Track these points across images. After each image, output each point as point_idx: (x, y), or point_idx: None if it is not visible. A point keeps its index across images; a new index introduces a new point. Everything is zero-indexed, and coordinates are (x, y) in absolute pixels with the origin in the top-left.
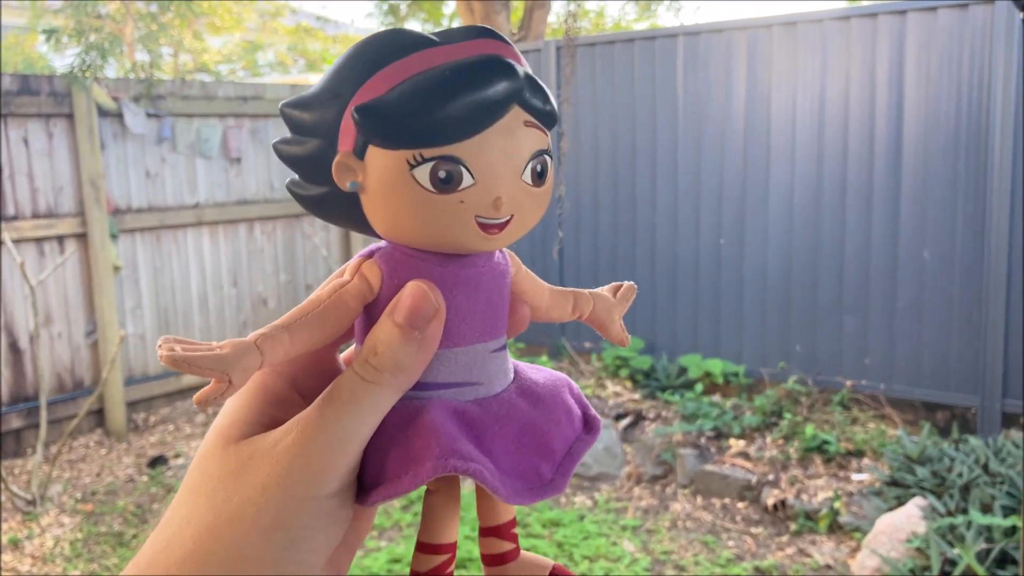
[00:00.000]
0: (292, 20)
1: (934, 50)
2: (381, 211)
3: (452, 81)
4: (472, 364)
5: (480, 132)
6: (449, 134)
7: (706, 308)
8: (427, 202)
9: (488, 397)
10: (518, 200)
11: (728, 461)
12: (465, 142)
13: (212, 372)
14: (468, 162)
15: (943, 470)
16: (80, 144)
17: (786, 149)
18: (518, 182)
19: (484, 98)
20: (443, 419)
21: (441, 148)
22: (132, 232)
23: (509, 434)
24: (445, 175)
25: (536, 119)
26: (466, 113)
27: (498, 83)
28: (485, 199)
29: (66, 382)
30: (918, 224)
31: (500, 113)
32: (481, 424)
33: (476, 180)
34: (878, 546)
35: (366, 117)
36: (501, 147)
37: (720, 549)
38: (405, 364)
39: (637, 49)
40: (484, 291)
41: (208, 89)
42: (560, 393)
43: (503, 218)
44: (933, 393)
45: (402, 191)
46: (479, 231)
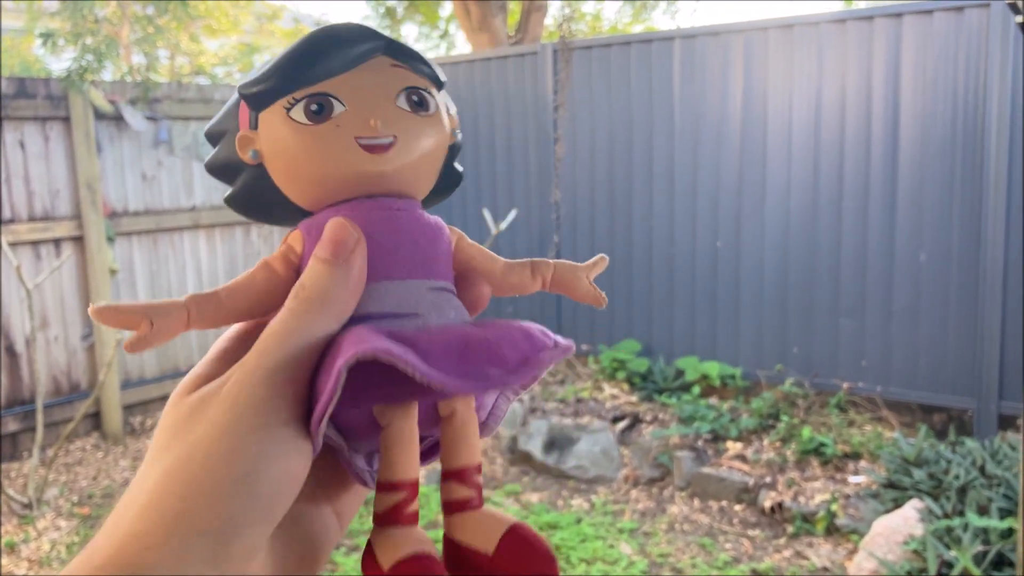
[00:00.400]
0: (289, 22)
1: (930, 53)
2: (280, 165)
3: (317, 39)
4: (406, 296)
5: (346, 72)
6: (315, 76)
7: (703, 310)
8: (308, 136)
9: (429, 324)
10: (396, 122)
11: (725, 463)
12: (332, 80)
13: (134, 315)
14: (337, 93)
15: (940, 472)
16: (77, 147)
17: (783, 152)
18: (392, 107)
19: (348, 47)
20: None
21: (310, 88)
22: (128, 235)
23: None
24: (317, 107)
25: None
26: (332, 58)
27: (361, 36)
28: (360, 121)
29: (62, 385)
30: (914, 227)
31: (364, 58)
32: (416, 340)
33: (347, 106)
34: (875, 548)
35: (246, 88)
36: (368, 80)
37: (717, 552)
38: (334, 292)
39: (633, 52)
40: (407, 232)
41: (205, 92)
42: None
43: (384, 138)
44: (930, 395)
45: (286, 136)
46: (364, 153)
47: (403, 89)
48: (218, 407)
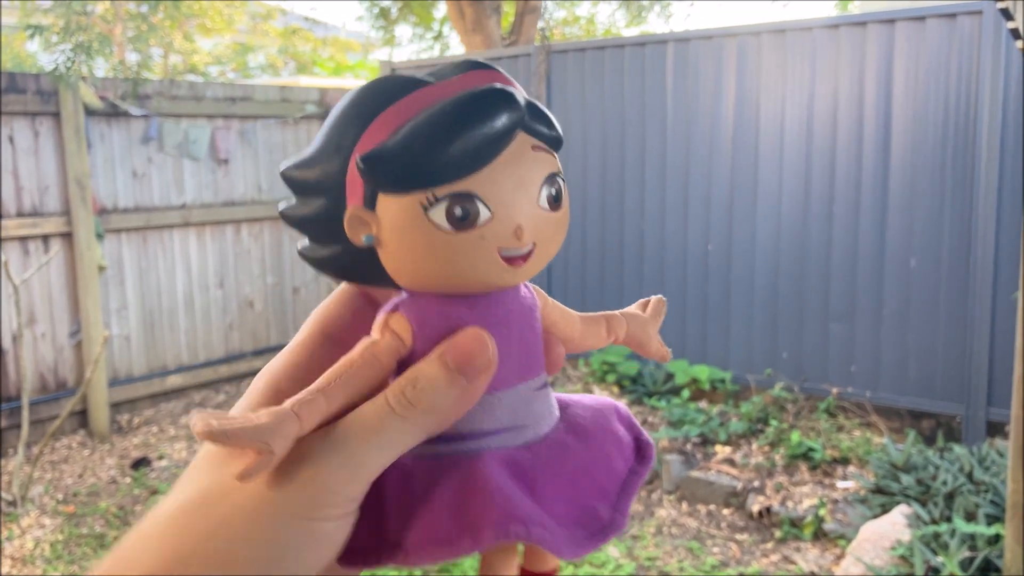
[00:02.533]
0: (283, 22)
1: (922, 59)
2: (401, 260)
3: (453, 116)
4: (517, 407)
5: (489, 163)
6: (458, 170)
7: (693, 314)
8: (447, 243)
9: (537, 440)
10: (538, 227)
11: (714, 468)
12: (475, 175)
13: (253, 445)
14: (482, 195)
15: (928, 478)
16: (67, 143)
17: (774, 156)
18: (535, 209)
19: (488, 128)
20: (497, 475)
21: (452, 185)
22: (118, 232)
23: (563, 478)
24: (461, 212)
25: (542, 143)
26: (472, 146)
27: (499, 111)
28: (505, 231)
29: (49, 382)
30: (905, 232)
31: (506, 141)
32: (533, 472)
33: (493, 213)
34: (862, 553)
35: (371, 165)
36: (512, 175)
37: (705, 555)
38: (441, 408)
39: (627, 55)
40: (517, 329)
41: (196, 90)
42: (608, 423)
43: (526, 248)
44: (919, 401)
45: (419, 236)
46: (504, 265)
47: (543, 183)
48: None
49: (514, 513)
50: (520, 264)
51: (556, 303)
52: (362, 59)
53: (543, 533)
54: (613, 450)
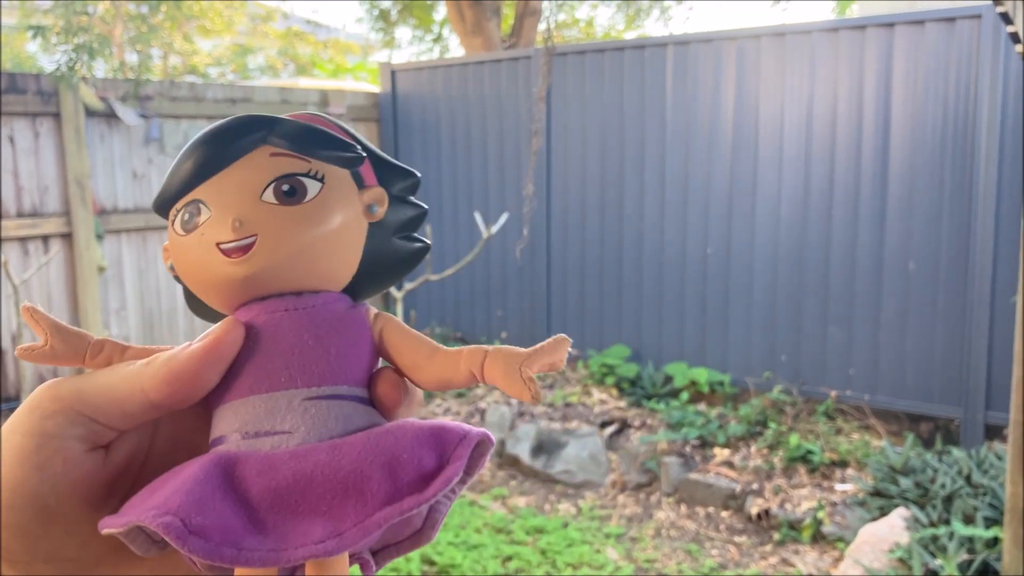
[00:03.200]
0: (283, 24)
1: (921, 63)
2: (182, 277)
3: (200, 139)
4: (270, 411)
5: (215, 174)
6: (191, 182)
7: (692, 317)
8: (182, 247)
9: (285, 449)
10: (258, 219)
11: (713, 470)
12: (205, 184)
13: (41, 326)
14: (205, 199)
15: (926, 481)
16: (67, 143)
17: (773, 159)
18: (256, 203)
19: (220, 146)
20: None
21: (187, 197)
22: (118, 233)
23: (277, 492)
24: (187, 215)
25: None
26: (203, 161)
27: (244, 128)
28: (223, 225)
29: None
30: (904, 236)
31: (238, 154)
32: (252, 481)
33: (212, 212)
34: (861, 556)
35: (154, 203)
36: (237, 179)
37: (703, 558)
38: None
39: (626, 58)
40: (290, 336)
41: (196, 91)
42: (396, 441)
43: (243, 239)
44: (917, 404)
45: (175, 248)
46: (224, 258)
47: (273, 180)
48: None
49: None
50: (239, 255)
51: (406, 329)
52: (362, 61)
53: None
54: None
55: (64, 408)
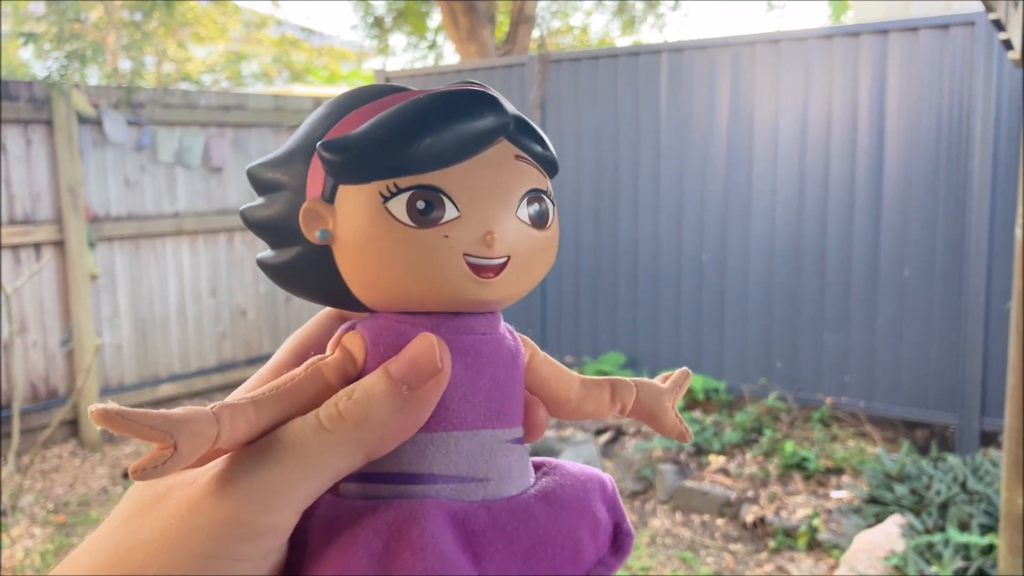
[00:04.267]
0: (277, 31)
1: (915, 70)
2: (356, 260)
3: (428, 109)
4: (477, 454)
5: (462, 162)
6: (427, 162)
7: (688, 324)
8: (406, 239)
9: (499, 499)
10: (514, 240)
11: (708, 477)
12: (446, 171)
13: (153, 432)
14: (450, 192)
15: (922, 488)
16: (59, 151)
17: (768, 166)
18: (512, 219)
19: (465, 125)
20: (438, 530)
21: (417, 177)
22: (110, 240)
23: (516, 552)
24: (424, 205)
25: (530, 157)
26: (445, 140)
27: (481, 111)
28: (473, 233)
29: (40, 391)
30: (899, 242)
31: (484, 142)
32: (484, 537)
33: (461, 212)
34: (856, 563)
35: (332, 151)
36: (488, 179)
37: (699, 566)
38: (377, 419)
39: (621, 65)
40: (488, 365)
41: (190, 98)
42: (588, 499)
43: (497, 258)
44: (912, 411)
45: (376, 230)
46: (470, 273)
47: (526, 194)
48: (179, 507)
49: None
50: (490, 276)
51: (551, 360)
52: (356, 68)
53: None
54: (585, 532)
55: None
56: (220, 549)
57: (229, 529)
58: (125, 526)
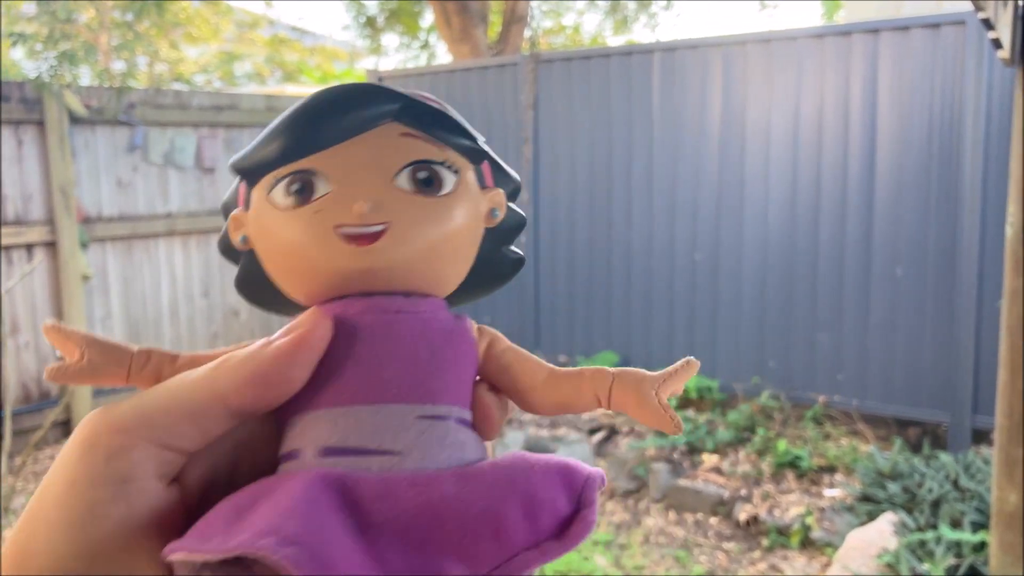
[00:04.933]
0: (269, 31)
1: (907, 69)
2: (264, 254)
3: (310, 103)
4: (383, 428)
5: (338, 143)
6: (302, 149)
7: (681, 323)
8: (286, 221)
9: (401, 472)
10: (392, 206)
11: (701, 476)
12: (321, 154)
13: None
14: (323, 171)
15: (914, 486)
16: (51, 151)
17: (761, 165)
18: (389, 188)
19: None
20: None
21: (295, 164)
22: (103, 241)
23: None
24: (299, 186)
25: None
26: (323, 127)
27: (369, 97)
28: (343, 203)
29: (32, 392)
30: (891, 241)
31: (364, 126)
32: (371, 506)
33: (332, 188)
34: (849, 562)
35: (236, 161)
36: (364, 155)
37: (692, 564)
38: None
39: (613, 64)
40: (403, 342)
41: (182, 98)
42: (528, 479)
43: (373, 226)
44: (905, 409)
45: (265, 219)
46: (344, 244)
47: (408, 164)
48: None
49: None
50: (366, 243)
51: (515, 349)
52: (349, 68)
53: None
54: (514, 511)
55: (132, 440)
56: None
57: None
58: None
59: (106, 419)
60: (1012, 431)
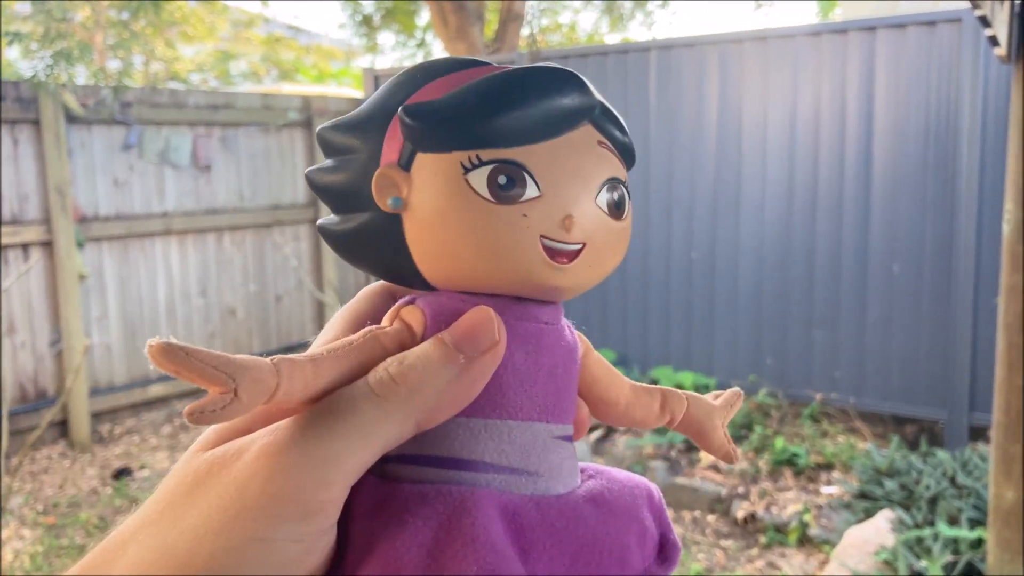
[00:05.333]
0: (265, 30)
1: (903, 66)
2: (427, 231)
3: (518, 82)
4: (530, 447)
5: (548, 140)
6: (512, 136)
7: (678, 321)
8: (483, 213)
9: (548, 496)
10: (591, 227)
11: (698, 474)
12: (530, 147)
13: (215, 375)
14: (533, 169)
15: (911, 483)
16: (47, 151)
17: (757, 163)
18: (591, 205)
19: (554, 103)
20: (490, 523)
21: (502, 151)
22: (99, 240)
23: (564, 552)
24: (505, 180)
25: (610, 143)
26: (533, 116)
27: (569, 90)
28: (553, 216)
29: (29, 392)
30: (888, 238)
31: (571, 122)
32: (533, 534)
33: (542, 192)
34: (847, 559)
35: (415, 116)
36: (571, 161)
37: (690, 562)
38: (431, 385)
39: (609, 62)
40: (547, 356)
41: (178, 97)
42: (636, 507)
43: (573, 244)
44: (902, 406)
45: (454, 201)
46: (545, 256)
47: (606, 181)
48: (226, 488)
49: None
50: (564, 262)
51: (603, 360)
52: (345, 67)
53: None
54: (633, 540)
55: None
56: (272, 530)
57: (281, 508)
58: (172, 509)
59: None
60: (1009, 428)
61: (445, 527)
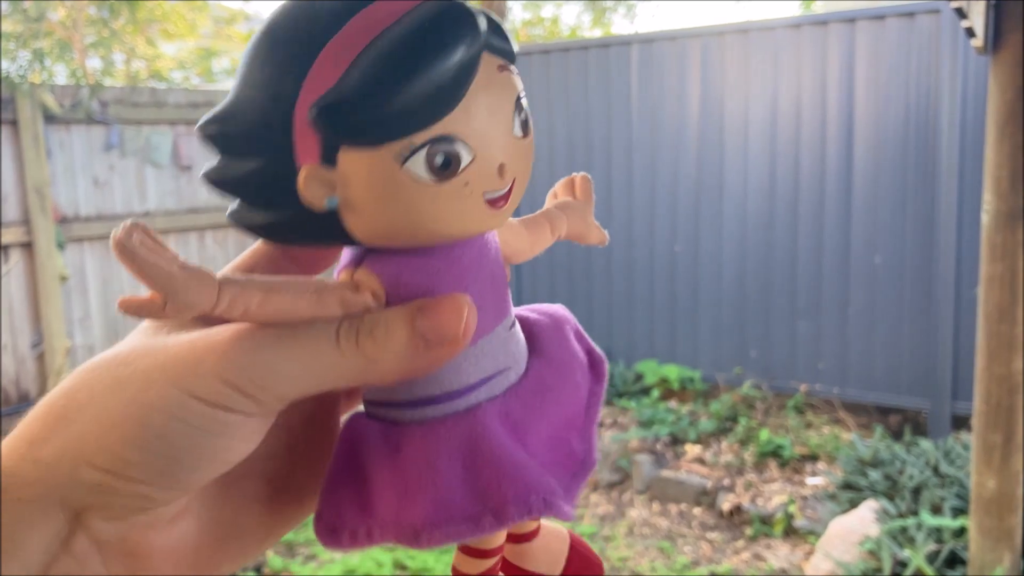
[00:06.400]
0: (247, 27)
1: (883, 58)
2: (375, 221)
3: (414, 47)
4: (498, 351)
5: (463, 97)
6: (434, 109)
7: (662, 314)
8: (430, 196)
9: (519, 381)
10: (515, 160)
11: (684, 467)
12: (452, 114)
13: (151, 281)
14: (461, 135)
15: (895, 473)
16: (25, 151)
17: (739, 156)
18: (511, 140)
19: (455, 56)
20: (500, 439)
21: (429, 129)
22: (80, 241)
23: (545, 420)
24: (443, 159)
25: (505, 60)
26: (444, 78)
27: (464, 33)
28: (489, 170)
29: (10, 394)
30: (869, 230)
31: (475, 69)
32: (523, 422)
33: (475, 154)
34: (831, 549)
35: (332, 117)
36: (485, 104)
37: (676, 555)
38: (388, 362)
39: (592, 56)
40: (488, 270)
41: (158, 96)
42: (567, 340)
43: (508, 187)
44: (885, 396)
45: (398, 192)
46: (488, 209)
47: (515, 106)
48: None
49: (532, 485)
50: (502, 205)
51: (506, 224)
52: None
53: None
54: (577, 374)
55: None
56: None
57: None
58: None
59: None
60: (989, 417)
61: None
